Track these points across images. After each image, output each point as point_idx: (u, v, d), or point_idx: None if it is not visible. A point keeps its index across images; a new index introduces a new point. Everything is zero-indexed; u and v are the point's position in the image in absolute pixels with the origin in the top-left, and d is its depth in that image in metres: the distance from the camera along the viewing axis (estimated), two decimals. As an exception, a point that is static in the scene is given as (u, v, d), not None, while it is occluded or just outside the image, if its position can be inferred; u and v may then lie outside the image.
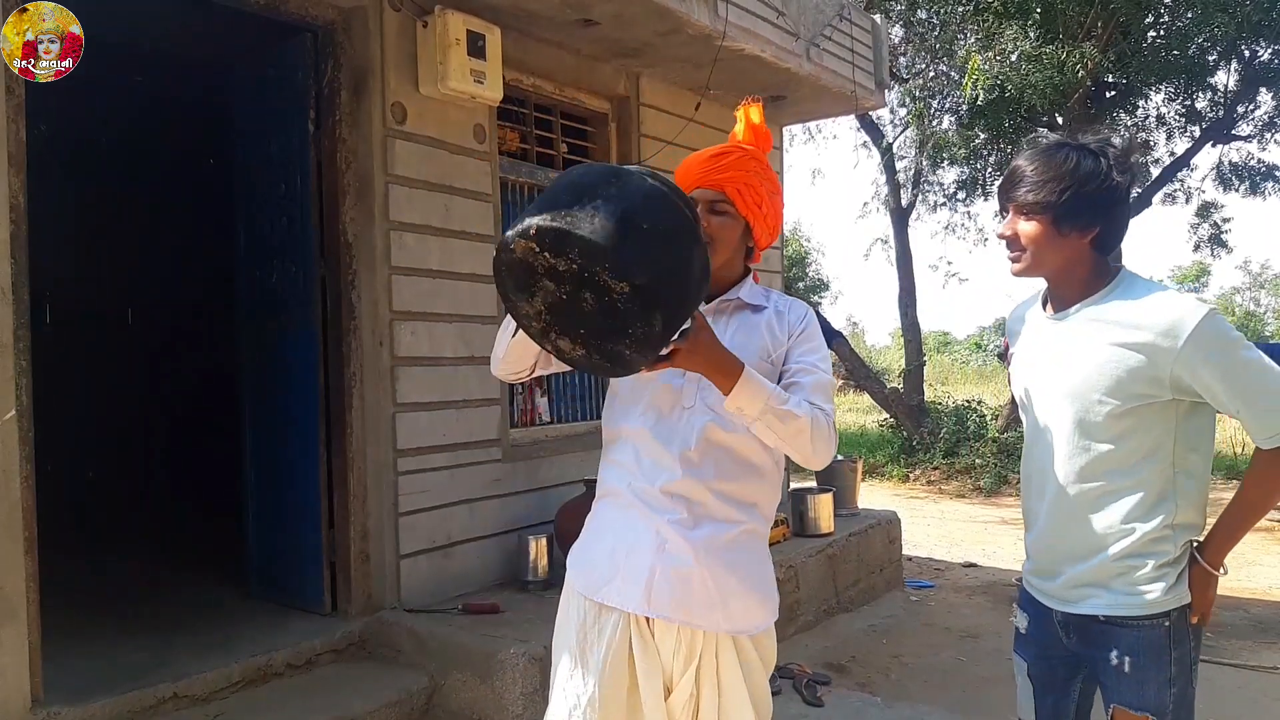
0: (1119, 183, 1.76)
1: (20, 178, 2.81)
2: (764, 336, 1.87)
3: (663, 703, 1.81)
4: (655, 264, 1.46)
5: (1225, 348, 1.68)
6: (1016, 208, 1.81)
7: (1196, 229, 14.07)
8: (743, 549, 1.84)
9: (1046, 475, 1.88)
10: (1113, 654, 1.80)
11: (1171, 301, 1.72)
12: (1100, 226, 1.77)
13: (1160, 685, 1.77)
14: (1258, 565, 6.88)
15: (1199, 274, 42.78)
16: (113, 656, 3.35)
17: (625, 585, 1.80)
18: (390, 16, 3.87)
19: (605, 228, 1.43)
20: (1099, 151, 1.76)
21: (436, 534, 3.96)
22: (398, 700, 3.34)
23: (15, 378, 2.77)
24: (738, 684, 1.82)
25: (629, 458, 1.86)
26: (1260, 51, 11.56)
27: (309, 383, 3.89)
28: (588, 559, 1.89)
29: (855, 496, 5.91)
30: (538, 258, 1.47)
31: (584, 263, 1.44)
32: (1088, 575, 1.82)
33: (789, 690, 3.94)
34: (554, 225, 1.44)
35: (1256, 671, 4.37)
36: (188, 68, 5.22)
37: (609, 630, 1.81)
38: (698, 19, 4.44)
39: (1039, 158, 1.79)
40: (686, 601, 1.78)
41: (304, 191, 3.91)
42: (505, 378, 1.93)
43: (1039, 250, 1.80)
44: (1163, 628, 1.77)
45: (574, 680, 1.83)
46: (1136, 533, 1.77)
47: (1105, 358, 1.75)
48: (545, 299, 1.52)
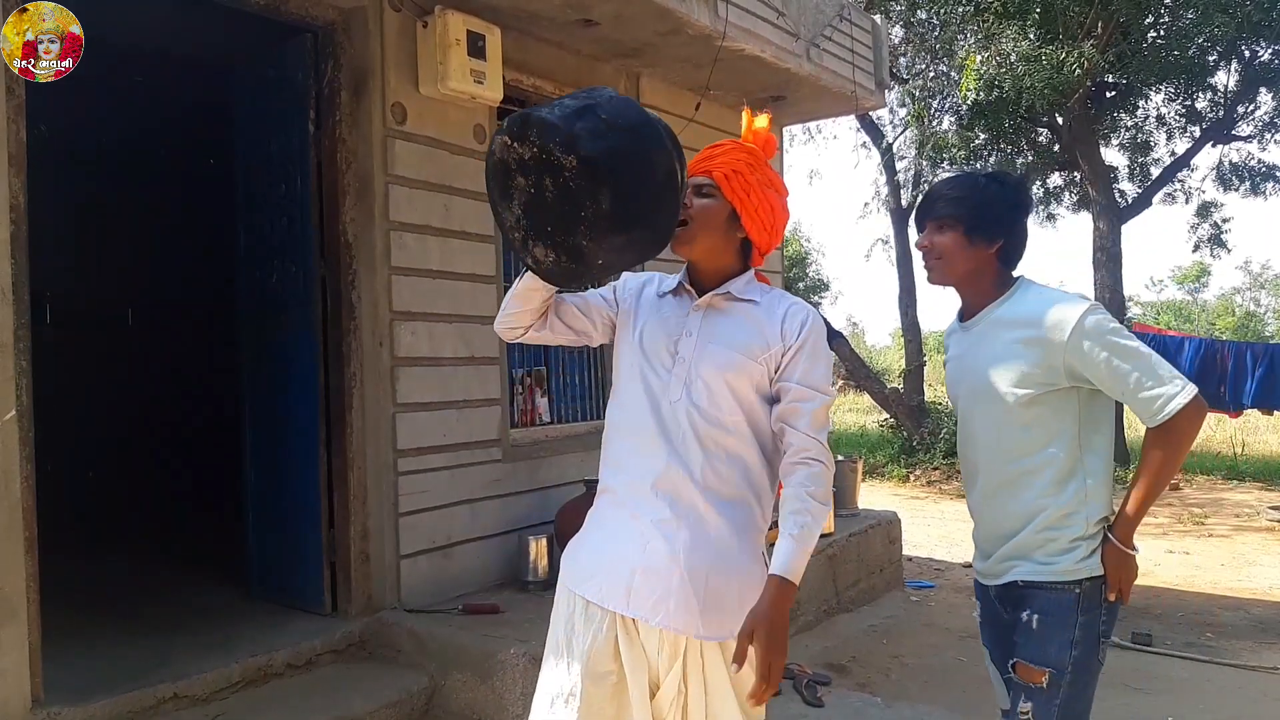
0: (1019, 203, 2.11)
1: (20, 178, 2.81)
2: (750, 334, 1.84)
3: (648, 701, 1.80)
4: (603, 140, 1.58)
5: (1105, 335, 1.91)
6: (934, 223, 2.10)
7: (1196, 229, 14.08)
8: (728, 550, 1.79)
9: (976, 469, 2.13)
10: (1024, 613, 2.00)
11: (1059, 300, 1.98)
12: (1004, 240, 2.06)
13: (1062, 645, 1.94)
14: (1258, 565, 6.88)
15: (1199, 274, 42.77)
16: (113, 656, 3.35)
17: (608, 583, 1.80)
18: (390, 16, 3.87)
19: (562, 109, 1.61)
20: (1001, 179, 2.12)
21: (436, 534, 3.96)
22: (398, 700, 3.34)
23: (15, 378, 2.77)
24: (724, 685, 1.78)
25: (622, 452, 1.88)
26: (1260, 51, 11.57)
27: (309, 383, 3.89)
28: (577, 553, 1.91)
29: (855, 497, 5.91)
30: (510, 151, 1.65)
31: (540, 143, 1.60)
32: (1012, 549, 2.03)
33: (789, 690, 3.94)
34: (519, 115, 1.64)
35: (1256, 671, 4.37)
36: (188, 68, 5.21)
37: (595, 624, 1.81)
38: (698, 19, 4.44)
39: (952, 181, 2.14)
40: (665, 604, 1.76)
41: (304, 191, 3.91)
42: (502, 331, 1.98)
43: (951, 257, 2.07)
44: (1073, 594, 1.96)
45: (558, 671, 1.83)
46: (1051, 508, 1.98)
47: (1009, 354, 2.00)
48: (520, 199, 1.68)
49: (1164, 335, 10.12)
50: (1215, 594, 6.02)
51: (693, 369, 1.82)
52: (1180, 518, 8.85)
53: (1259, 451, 13.24)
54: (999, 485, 2.06)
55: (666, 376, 1.83)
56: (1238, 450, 12.96)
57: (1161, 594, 6.00)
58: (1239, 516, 8.98)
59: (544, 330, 1.96)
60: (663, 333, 1.88)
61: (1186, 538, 7.96)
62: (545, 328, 1.96)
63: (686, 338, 1.85)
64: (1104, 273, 12.03)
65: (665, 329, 1.88)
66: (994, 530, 2.09)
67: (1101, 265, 12.07)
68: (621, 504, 1.85)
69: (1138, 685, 4.18)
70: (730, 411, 1.81)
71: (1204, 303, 42.51)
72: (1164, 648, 4.71)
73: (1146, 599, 5.84)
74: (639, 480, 1.82)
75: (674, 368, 1.83)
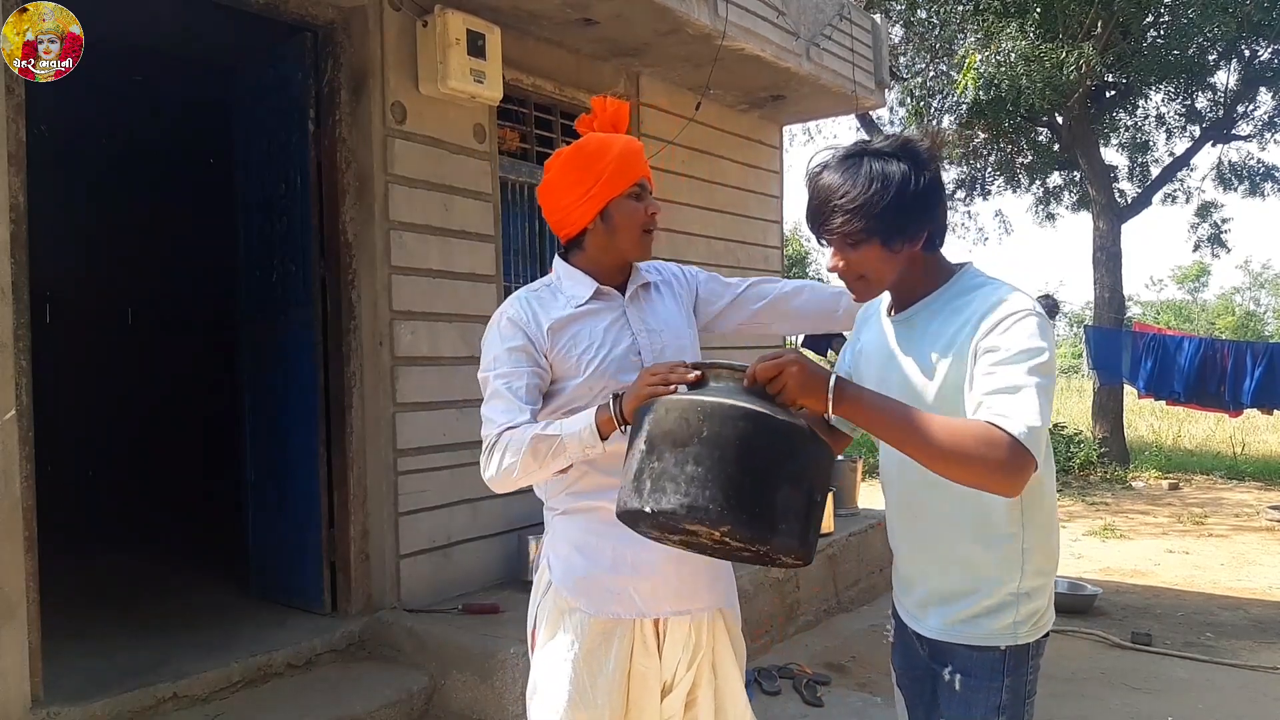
0: (929, 179, 1.63)
1: (20, 177, 2.80)
2: (681, 301, 1.96)
3: (658, 704, 1.82)
4: (752, 505, 1.43)
5: (1025, 344, 1.51)
6: (840, 239, 1.64)
7: (1196, 229, 14.10)
8: None
9: (890, 480, 1.81)
10: (946, 670, 1.69)
11: (1001, 292, 1.60)
12: (927, 229, 1.64)
13: (988, 710, 1.65)
14: (1257, 565, 6.88)
15: (1199, 274, 42.81)
16: (113, 656, 3.35)
17: (639, 596, 1.79)
18: (390, 16, 3.87)
19: (698, 503, 1.42)
20: (897, 154, 1.62)
21: (436, 534, 3.96)
22: (398, 700, 3.34)
23: (15, 378, 2.77)
24: (730, 663, 1.89)
25: (611, 460, 1.72)
26: (1260, 51, 11.58)
27: (309, 382, 3.89)
28: (590, 577, 1.81)
29: (855, 496, 5.91)
30: (657, 537, 1.58)
31: (692, 532, 1.49)
32: (931, 595, 1.72)
33: (789, 690, 3.94)
34: (662, 514, 1.45)
35: (1256, 671, 4.37)
36: (188, 68, 5.21)
37: (615, 647, 1.79)
38: (698, 19, 4.44)
39: (843, 182, 1.62)
40: (697, 589, 1.83)
41: (304, 191, 3.91)
42: (501, 489, 1.84)
43: (876, 274, 1.66)
44: (998, 652, 1.65)
45: (583, 709, 1.78)
46: (980, 553, 1.65)
47: (938, 353, 1.62)
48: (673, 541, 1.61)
49: (1164, 335, 10.12)
50: (1215, 594, 6.02)
51: (659, 361, 1.82)
52: (1180, 517, 8.86)
53: (1258, 451, 13.25)
54: (919, 507, 1.72)
55: (629, 376, 1.76)
56: (1237, 450, 12.96)
57: (1161, 594, 6.00)
58: (1239, 516, 8.98)
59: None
60: (617, 342, 1.84)
61: (1186, 537, 7.96)
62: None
63: (640, 335, 1.86)
64: (1104, 272, 12.04)
65: (614, 339, 1.83)
66: (913, 563, 1.77)
67: (1101, 265, 12.08)
68: (614, 516, 1.73)
69: (1138, 685, 4.18)
70: None
71: (1204, 302, 42.55)
72: (1164, 647, 4.72)
73: (1146, 599, 5.85)
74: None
75: (641, 362, 1.83)
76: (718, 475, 1.42)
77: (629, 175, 1.83)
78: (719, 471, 1.42)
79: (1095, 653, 4.67)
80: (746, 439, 1.43)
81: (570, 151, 1.87)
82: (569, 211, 1.86)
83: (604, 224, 1.84)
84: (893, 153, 1.63)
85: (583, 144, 1.87)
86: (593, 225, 1.85)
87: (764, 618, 4.48)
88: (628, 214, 1.84)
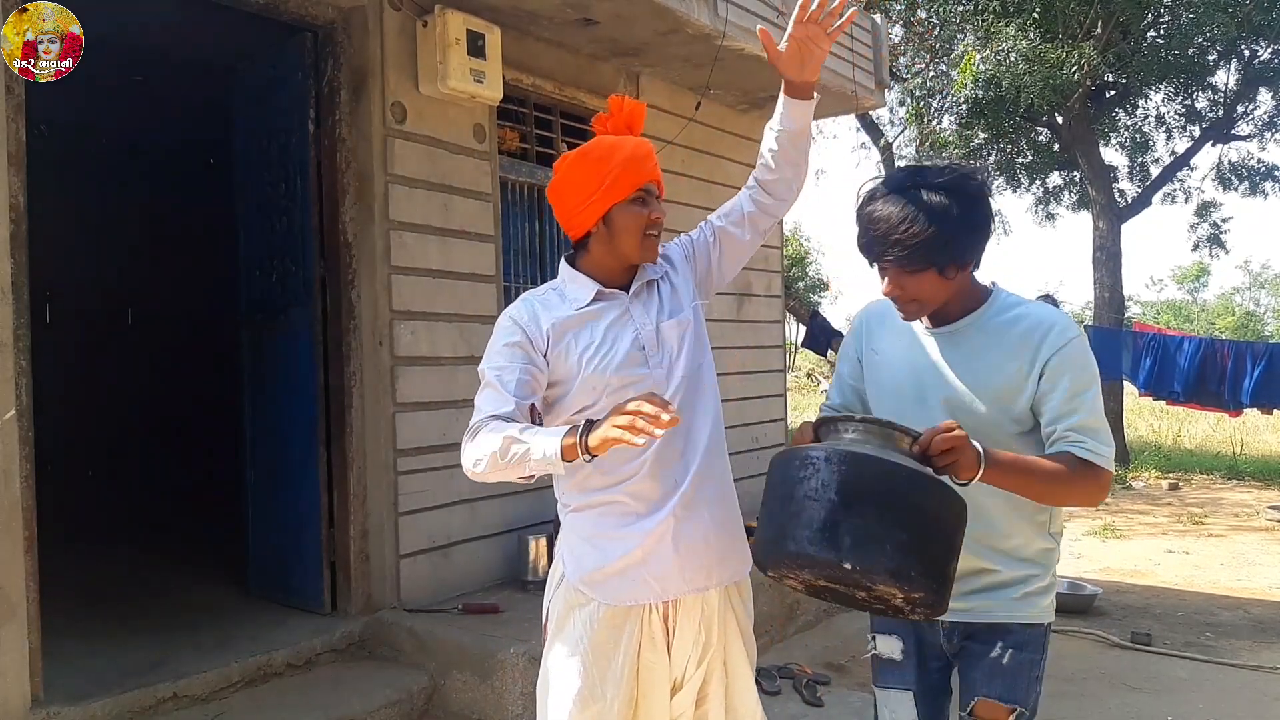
0: (983, 211, 1.78)
1: (20, 177, 2.80)
2: (684, 290, 1.96)
3: (667, 701, 1.84)
4: (941, 573, 1.53)
5: (1088, 368, 1.78)
6: (897, 270, 1.78)
7: (1196, 229, 14.10)
8: (730, 487, 1.94)
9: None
10: (997, 646, 1.85)
11: (1045, 313, 1.82)
12: (978, 256, 1.82)
13: (1031, 681, 1.86)
14: (1257, 565, 6.88)
15: (1199, 274, 42.81)
16: (113, 656, 3.35)
17: (655, 580, 1.81)
18: (390, 16, 3.87)
19: (904, 568, 1.48)
20: (953, 187, 1.74)
21: (436, 534, 3.96)
22: (398, 700, 3.34)
23: (15, 377, 2.77)
24: (742, 659, 1.94)
25: (625, 452, 1.71)
26: (1260, 51, 11.58)
27: (309, 383, 3.89)
28: (603, 568, 1.83)
29: (855, 496, 5.90)
30: (805, 581, 1.63)
31: (868, 588, 1.53)
32: (986, 583, 1.87)
33: (789, 690, 3.95)
34: (862, 571, 1.49)
35: (1256, 671, 4.37)
36: (188, 68, 5.21)
37: (623, 640, 1.82)
38: (698, 18, 4.44)
39: (902, 215, 1.73)
40: (707, 564, 1.85)
41: (304, 191, 3.91)
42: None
43: (930, 297, 1.81)
44: (1043, 627, 1.89)
45: (593, 707, 1.80)
46: (1034, 542, 1.89)
47: (992, 367, 1.80)
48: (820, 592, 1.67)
49: (1164, 335, 10.13)
50: (1214, 593, 6.02)
51: (665, 354, 1.86)
52: (1179, 517, 8.86)
53: (1258, 451, 13.25)
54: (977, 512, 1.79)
55: (644, 371, 1.83)
56: (1237, 450, 12.97)
57: (1161, 594, 6.00)
58: (1238, 516, 8.98)
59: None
60: (620, 340, 1.84)
61: (1186, 537, 7.96)
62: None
63: (643, 331, 1.86)
64: (1104, 272, 12.04)
65: (614, 337, 1.84)
66: (974, 559, 1.85)
67: (1101, 264, 12.08)
68: (629, 508, 1.83)
69: (1138, 685, 4.18)
70: (704, 379, 1.92)
71: (1204, 302, 42.58)
72: (1164, 647, 4.72)
73: (1146, 599, 5.85)
74: (651, 476, 1.82)
75: (649, 362, 1.84)
76: (922, 544, 1.50)
77: (633, 180, 1.84)
78: (924, 540, 1.50)
79: (1095, 652, 4.67)
80: (943, 511, 1.55)
81: (576, 156, 1.88)
82: (573, 215, 1.88)
83: (606, 229, 1.86)
84: (948, 185, 1.75)
85: (590, 148, 1.87)
86: (596, 230, 1.87)
87: (764, 618, 4.48)
88: (629, 220, 1.85)
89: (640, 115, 1.94)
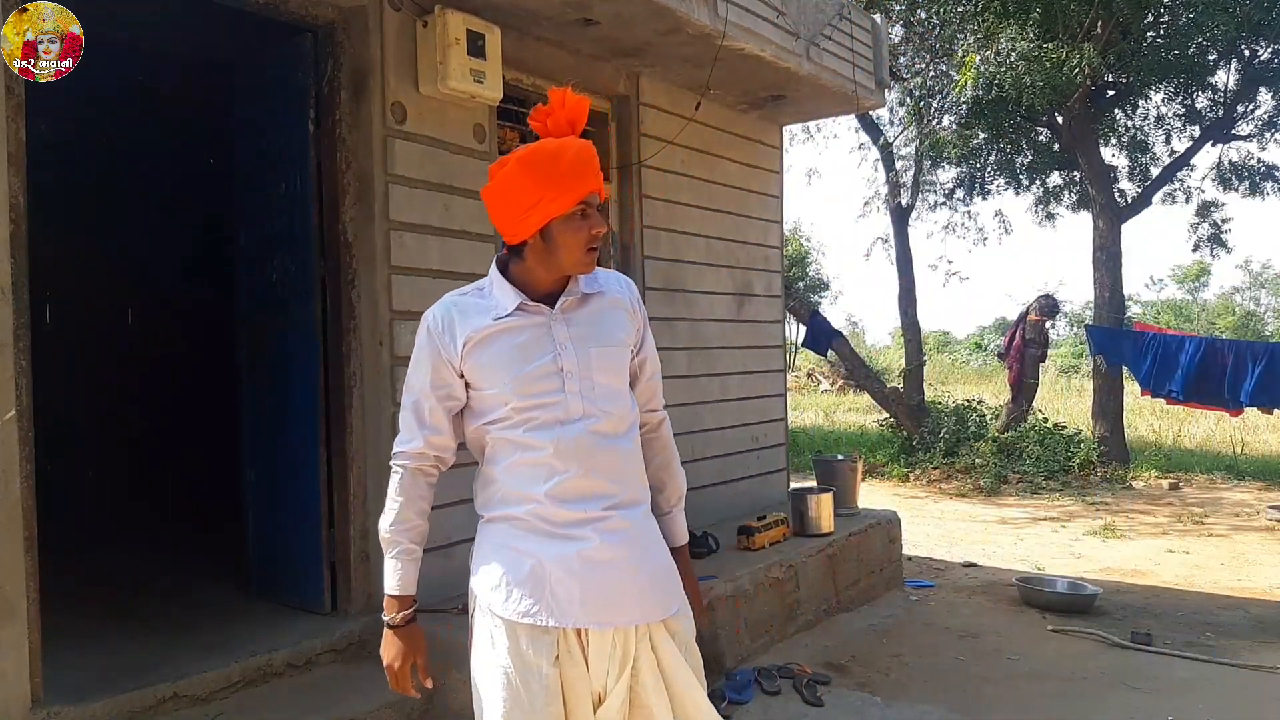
0: None
1: (20, 177, 2.80)
2: (621, 322, 1.89)
3: (591, 714, 1.78)
4: None
5: None
6: None
7: (1196, 229, 14.06)
8: (653, 528, 1.90)
9: None
10: None
11: None
12: None
13: None
14: (1257, 564, 6.88)
15: (1199, 273, 42.80)
16: (113, 656, 3.35)
17: (556, 603, 1.75)
18: (390, 16, 3.87)
19: None
20: None
21: (436, 534, 3.91)
22: (398, 700, 3.33)
23: (15, 377, 2.77)
24: (676, 655, 1.83)
25: (523, 479, 1.79)
26: (1260, 51, 11.56)
27: (309, 382, 3.89)
28: (508, 583, 1.79)
29: (855, 496, 5.90)
30: None
31: None
32: None
33: (789, 690, 3.94)
34: None
35: (1257, 671, 4.37)
36: (188, 68, 5.21)
37: (545, 651, 1.75)
38: (698, 18, 4.44)
39: None
40: (624, 602, 1.77)
41: (304, 191, 3.91)
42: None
43: None
44: None
45: (519, 714, 1.76)
46: None
47: None
48: None
49: (1164, 335, 10.12)
50: (1215, 593, 6.02)
51: (584, 379, 1.79)
52: (1180, 517, 8.85)
53: (1258, 451, 13.24)
54: None
55: (559, 395, 1.78)
56: (1237, 450, 12.96)
57: (1161, 594, 6.00)
58: (1239, 516, 8.98)
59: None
60: (535, 358, 1.79)
61: (1186, 537, 7.96)
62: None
63: (564, 352, 1.80)
64: (1103, 272, 12.04)
65: (529, 354, 1.80)
66: None
67: (1101, 264, 12.07)
68: (535, 527, 1.78)
69: (1137, 685, 4.18)
70: (624, 404, 1.87)
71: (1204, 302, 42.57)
72: (1164, 647, 4.71)
73: (1146, 599, 5.85)
74: (559, 500, 1.76)
75: (565, 385, 1.78)
76: None
77: (575, 192, 1.74)
78: None
79: (1095, 652, 4.67)
80: None
81: (515, 162, 1.77)
82: (509, 224, 1.79)
83: (544, 242, 1.78)
84: None
85: (528, 156, 1.76)
86: (532, 241, 1.79)
87: (764, 618, 4.48)
88: (569, 234, 1.77)
89: (583, 112, 1.83)
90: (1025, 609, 5.47)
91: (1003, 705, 3.93)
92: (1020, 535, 8.12)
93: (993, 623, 5.20)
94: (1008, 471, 10.84)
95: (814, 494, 5.31)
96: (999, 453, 11.15)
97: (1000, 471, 10.77)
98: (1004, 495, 10.29)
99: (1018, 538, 8.00)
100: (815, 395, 25.27)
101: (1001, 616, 5.35)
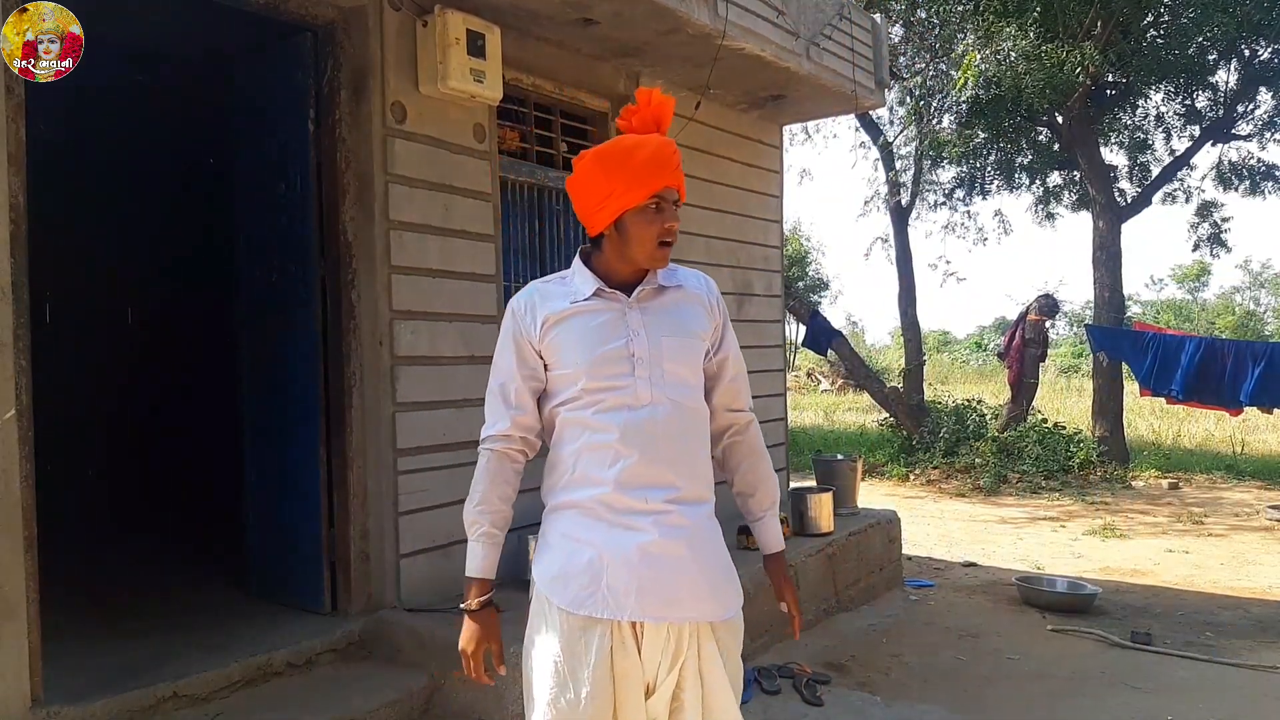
0: None
1: (20, 177, 2.80)
2: (697, 315, 1.92)
3: (643, 704, 1.81)
4: None
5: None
6: None
7: (1196, 228, 14.06)
8: (715, 529, 1.90)
9: None
10: None
11: None
12: None
13: None
14: (1257, 564, 6.88)
15: (1199, 273, 42.80)
16: (113, 656, 3.35)
17: (612, 595, 1.78)
18: (390, 16, 3.87)
19: None
20: None
21: (436, 533, 3.96)
22: (398, 700, 3.33)
23: (15, 377, 2.76)
24: (719, 671, 1.85)
25: (590, 465, 1.83)
26: (1260, 51, 11.56)
27: (309, 383, 3.89)
28: (565, 573, 1.84)
29: (855, 496, 5.91)
30: None
31: None
32: None
33: (789, 690, 3.94)
34: None
35: (1256, 671, 4.37)
36: (187, 67, 5.21)
37: (595, 643, 1.79)
38: (698, 18, 4.44)
39: None
40: (677, 596, 1.79)
41: (304, 191, 3.90)
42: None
43: None
44: None
45: (564, 703, 1.80)
46: None
47: None
48: None
49: (1164, 334, 10.12)
50: (1215, 593, 6.02)
51: (654, 366, 1.83)
52: (1179, 517, 8.85)
53: (1258, 450, 13.24)
54: None
55: (629, 379, 1.81)
56: (1237, 449, 12.96)
57: (1161, 593, 6.00)
58: (1238, 515, 8.98)
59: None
60: (608, 341, 1.83)
61: (1186, 537, 7.96)
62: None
63: (636, 338, 1.83)
64: (1103, 272, 12.04)
65: (603, 337, 1.83)
66: None
67: (1101, 264, 12.07)
68: (599, 515, 1.81)
69: (1137, 685, 4.18)
70: (693, 396, 1.89)
71: (1204, 302, 42.56)
72: (1164, 647, 4.72)
73: (1146, 599, 5.85)
74: (623, 487, 1.79)
75: (635, 370, 1.81)
76: None
77: (649, 186, 1.79)
78: None
79: (1095, 652, 4.67)
80: None
81: (594, 154, 1.85)
82: (587, 215, 1.87)
83: (618, 233, 1.84)
84: None
85: (608, 149, 1.83)
86: (609, 232, 1.85)
87: (764, 617, 4.47)
88: (641, 228, 1.82)
89: (668, 111, 1.87)
90: (1025, 609, 5.47)
91: (1003, 705, 3.93)
92: (1020, 535, 8.12)
93: (993, 622, 5.21)
94: (1007, 471, 10.84)
95: (814, 494, 5.31)
96: (999, 452, 11.15)
97: (1000, 471, 10.78)
98: (1004, 495, 10.29)
99: (1017, 537, 8.00)
100: (815, 395, 25.28)
101: (1001, 616, 5.35)
